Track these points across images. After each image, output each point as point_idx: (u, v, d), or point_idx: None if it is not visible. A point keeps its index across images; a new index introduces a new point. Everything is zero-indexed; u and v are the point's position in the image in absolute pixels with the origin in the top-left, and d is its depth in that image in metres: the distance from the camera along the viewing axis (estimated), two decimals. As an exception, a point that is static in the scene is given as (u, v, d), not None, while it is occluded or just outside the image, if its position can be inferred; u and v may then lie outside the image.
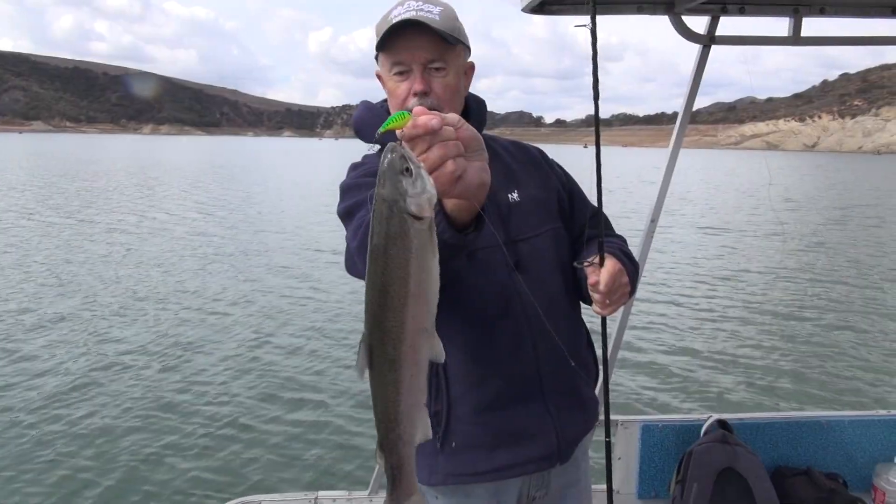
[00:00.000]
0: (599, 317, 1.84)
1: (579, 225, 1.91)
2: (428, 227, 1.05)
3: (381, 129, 1.15)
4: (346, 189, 1.74)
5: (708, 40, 2.46)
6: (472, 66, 1.83)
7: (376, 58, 1.77)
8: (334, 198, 1.79)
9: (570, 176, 1.99)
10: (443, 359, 1.14)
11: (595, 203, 1.94)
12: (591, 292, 1.69)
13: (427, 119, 1.10)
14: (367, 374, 1.11)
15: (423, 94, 1.69)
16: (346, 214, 1.69)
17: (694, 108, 2.69)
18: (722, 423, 2.76)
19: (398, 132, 1.11)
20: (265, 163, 68.76)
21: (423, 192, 1.03)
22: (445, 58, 1.69)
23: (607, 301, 1.66)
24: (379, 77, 1.80)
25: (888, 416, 2.91)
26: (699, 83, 2.57)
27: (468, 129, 1.19)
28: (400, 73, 1.71)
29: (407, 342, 1.09)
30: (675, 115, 2.81)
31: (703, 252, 16.92)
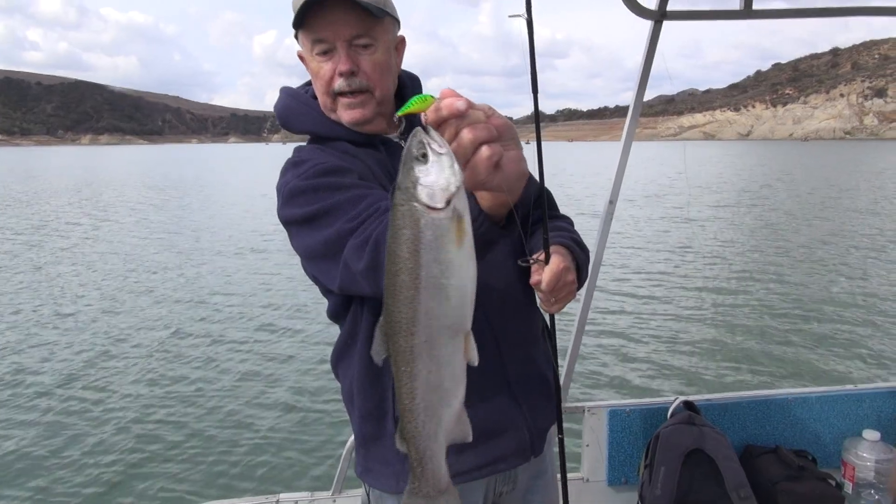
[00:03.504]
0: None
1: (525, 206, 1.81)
2: (451, 218, 0.96)
3: (399, 112, 1.08)
4: (297, 193, 1.53)
5: (659, 16, 2.39)
6: (402, 41, 1.69)
7: (296, 36, 1.61)
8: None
9: None
10: (475, 362, 1.10)
11: (538, 203, 1.83)
12: (535, 291, 1.58)
13: (452, 101, 0.99)
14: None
15: (349, 75, 1.55)
16: (304, 220, 1.51)
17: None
18: (688, 405, 2.70)
19: (422, 116, 1.02)
20: (204, 171, 67.48)
21: (436, 182, 0.95)
22: (372, 33, 1.55)
23: (552, 300, 1.56)
24: (301, 58, 1.64)
25: (855, 390, 2.89)
26: (652, 61, 2.49)
27: (500, 116, 1.07)
28: (323, 53, 1.56)
29: (420, 336, 1.04)
30: (618, 108, 2.77)
31: (657, 238, 17.16)
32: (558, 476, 1.93)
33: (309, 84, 1.73)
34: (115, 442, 5.93)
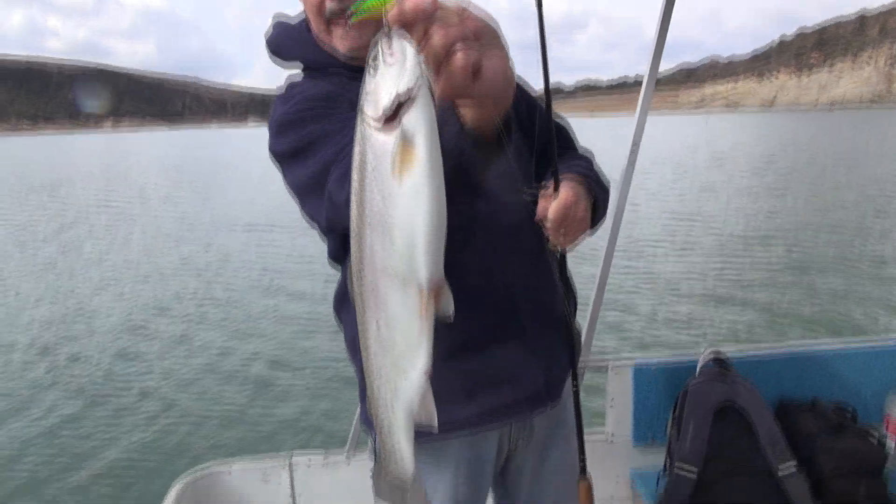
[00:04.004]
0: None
1: (540, 141, 1.65)
2: (396, 138, 0.82)
3: (353, 18, 0.92)
4: (285, 124, 1.42)
5: None
6: None
7: None
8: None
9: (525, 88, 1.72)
10: (448, 311, 0.95)
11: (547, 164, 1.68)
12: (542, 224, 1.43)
13: (416, 1, 0.83)
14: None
15: None
16: (292, 154, 1.39)
17: (658, 73, 2.46)
18: (718, 359, 2.55)
19: (384, 20, 0.85)
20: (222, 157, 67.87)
21: (378, 93, 0.81)
22: None
23: (560, 234, 1.41)
24: None
25: None
26: (670, 15, 2.30)
27: (477, 17, 0.90)
28: None
29: (366, 279, 0.91)
30: (638, 79, 2.58)
31: (687, 189, 16.66)
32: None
33: (304, 13, 1.59)
34: (131, 403, 5.98)
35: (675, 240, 11.96)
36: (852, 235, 11.96)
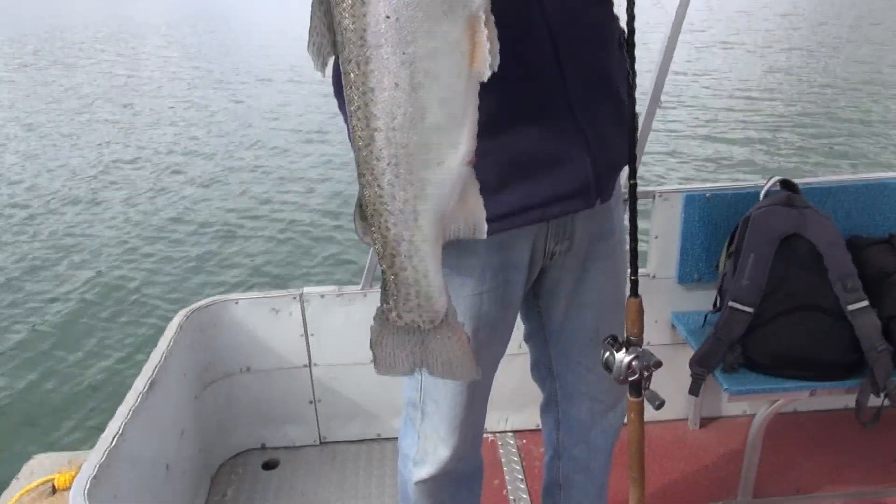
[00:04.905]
0: None
1: None
2: None
3: None
4: None
5: None
6: None
7: None
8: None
9: None
10: (485, 75, 0.68)
11: None
12: None
13: None
14: None
15: None
16: None
17: None
18: (787, 184, 2.22)
19: None
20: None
21: None
22: None
23: None
24: None
25: None
26: None
27: None
28: None
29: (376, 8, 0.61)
30: None
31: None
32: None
33: None
34: (135, 226, 5.96)
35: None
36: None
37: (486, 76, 0.67)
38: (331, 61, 0.68)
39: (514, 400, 2.43)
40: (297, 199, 6.63)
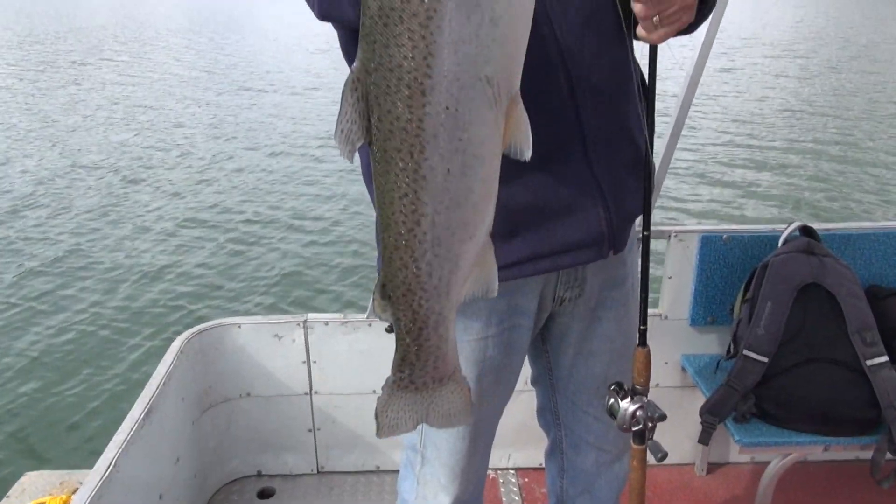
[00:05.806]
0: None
1: None
2: None
3: None
4: None
5: None
6: None
7: None
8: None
9: None
10: (527, 154, 0.70)
11: None
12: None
13: None
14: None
15: None
16: None
17: None
18: (807, 230, 2.17)
19: None
20: None
21: None
22: None
23: (653, 19, 1.00)
24: None
25: None
26: None
27: None
28: None
29: (440, 92, 0.62)
30: None
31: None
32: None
33: None
34: (136, 247, 5.96)
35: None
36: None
37: (528, 156, 0.66)
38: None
39: (518, 437, 2.38)
40: (306, 224, 6.62)
